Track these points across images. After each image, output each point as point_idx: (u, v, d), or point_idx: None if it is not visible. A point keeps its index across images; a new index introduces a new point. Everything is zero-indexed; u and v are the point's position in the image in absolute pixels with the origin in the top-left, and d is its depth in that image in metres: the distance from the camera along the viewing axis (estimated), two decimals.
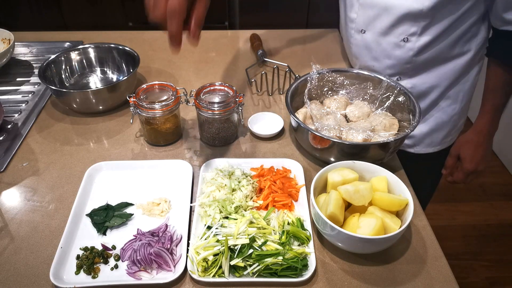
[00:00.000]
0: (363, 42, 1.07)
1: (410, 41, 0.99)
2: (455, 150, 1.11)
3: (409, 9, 0.94)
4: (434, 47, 0.99)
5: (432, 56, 1.01)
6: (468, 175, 1.11)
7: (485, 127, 1.04)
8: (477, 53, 1.03)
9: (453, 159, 1.12)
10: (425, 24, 0.95)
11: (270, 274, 0.70)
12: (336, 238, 0.72)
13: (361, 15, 1.04)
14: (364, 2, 1.02)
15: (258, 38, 1.36)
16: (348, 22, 1.10)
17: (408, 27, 0.97)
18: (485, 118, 1.04)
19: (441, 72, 1.04)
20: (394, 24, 0.99)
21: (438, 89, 1.07)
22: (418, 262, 0.75)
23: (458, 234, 2.10)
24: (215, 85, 0.97)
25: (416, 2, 0.92)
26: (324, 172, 0.80)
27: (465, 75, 1.07)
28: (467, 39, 1.00)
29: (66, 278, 0.71)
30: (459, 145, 1.10)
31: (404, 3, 0.94)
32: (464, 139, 1.09)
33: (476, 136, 1.06)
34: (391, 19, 0.98)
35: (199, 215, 0.80)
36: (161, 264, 0.72)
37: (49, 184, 0.89)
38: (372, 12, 1.01)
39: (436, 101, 1.09)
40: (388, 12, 0.98)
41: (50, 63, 1.12)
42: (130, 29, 2.29)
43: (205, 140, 1.00)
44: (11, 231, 0.80)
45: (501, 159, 2.50)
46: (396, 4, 0.96)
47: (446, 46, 0.99)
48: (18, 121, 1.06)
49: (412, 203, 0.73)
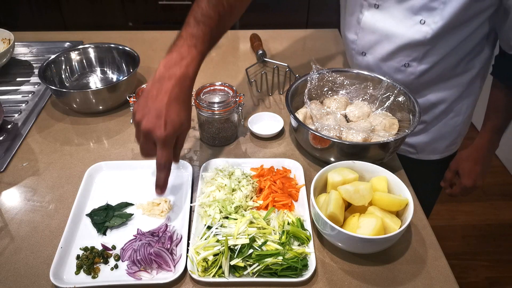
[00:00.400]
0: (365, 63, 1.06)
1: (412, 66, 0.98)
2: (454, 165, 1.11)
3: (411, 39, 0.93)
4: (436, 69, 0.98)
5: (434, 76, 1.00)
6: (465, 190, 1.11)
7: (485, 145, 1.04)
8: (482, 68, 1.02)
9: (452, 173, 1.12)
10: (427, 50, 0.94)
11: (270, 274, 0.70)
12: (336, 238, 0.72)
13: (362, 38, 1.04)
14: (364, 26, 1.01)
15: (258, 38, 1.36)
16: (349, 43, 1.09)
17: (409, 53, 0.97)
18: (486, 137, 1.03)
19: (444, 89, 1.03)
20: (394, 52, 0.98)
21: (442, 106, 1.06)
22: (418, 262, 0.75)
23: (458, 234, 2.10)
24: (215, 85, 0.97)
25: (418, 33, 0.92)
26: (324, 172, 0.80)
27: (469, 89, 1.05)
28: (471, 58, 0.99)
29: (66, 278, 0.71)
30: (458, 160, 1.10)
31: (406, 33, 0.94)
32: (464, 155, 1.09)
33: (476, 153, 1.06)
34: (392, 47, 0.98)
35: (199, 215, 0.80)
36: (161, 264, 0.72)
37: (49, 184, 0.89)
38: (373, 37, 1.00)
39: (439, 116, 1.08)
40: (389, 39, 0.97)
41: (50, 63, 1.12)
42: (130, 29, 2.30)
43: (205, 140, 1.00)
44: (11, 231, 0.80)
45: (501, 159, 2.50)
46: (397, 34, 0.95)
47: (449, 67, 0.98)
48: (18, 121, 1.06)
49: (412, 203, 0.73)
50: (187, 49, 0.76)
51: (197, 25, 0.78)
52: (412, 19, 0.92)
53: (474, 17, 0.89)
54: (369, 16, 0.99)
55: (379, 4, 0.96)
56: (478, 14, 0.89)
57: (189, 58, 0.76)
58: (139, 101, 0.74)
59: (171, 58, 0.75)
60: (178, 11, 2.38)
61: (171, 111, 0.72)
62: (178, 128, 0.74)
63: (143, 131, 0.72)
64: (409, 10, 0.91)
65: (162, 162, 0.74)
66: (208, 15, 0.79)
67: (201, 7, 0.80)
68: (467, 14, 0.87)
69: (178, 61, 0.75)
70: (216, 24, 0.80)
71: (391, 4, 0.94)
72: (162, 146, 0.73)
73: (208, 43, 0.80)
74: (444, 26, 0.88)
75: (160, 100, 0.71)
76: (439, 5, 0.87)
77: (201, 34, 0.78)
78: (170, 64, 0.74)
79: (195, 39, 0.77)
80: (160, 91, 0.72)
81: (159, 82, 0.73)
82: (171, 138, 0.73)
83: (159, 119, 0.71)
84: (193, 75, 0.76)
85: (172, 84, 0.73)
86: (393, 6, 0.93)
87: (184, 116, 0.75)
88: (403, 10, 0.92)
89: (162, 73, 0.74)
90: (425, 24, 0.90)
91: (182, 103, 0.74)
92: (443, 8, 0.87)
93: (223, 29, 0.85)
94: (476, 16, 0.89)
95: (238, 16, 0.89)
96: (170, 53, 0.76)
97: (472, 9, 0.87)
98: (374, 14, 0.98)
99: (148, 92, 0.73)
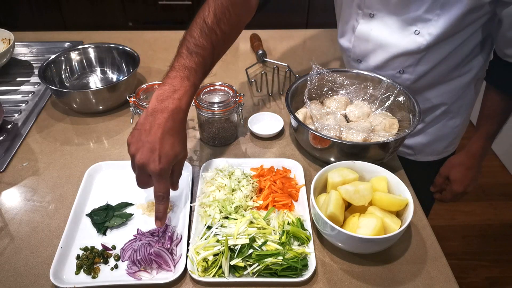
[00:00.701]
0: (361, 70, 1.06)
1: (407, 72, 0.98)
2: (445, 171, 1.10)
3: (405, 49, 0.94)
4: (432, 74, 0.98)
5: (430, 81, 1.00)
6: (456, 195, 1.10)
7: (477, 151, 1.04)
8: (479, 71, 1.01)
9: (442, 179, 1.11)
10: (421, 57, 0.94)
11: (270, 274, 0.70)
12: (336, 238, 0.72)
13: (356, 47, 1.04)
14: (359, 35, 1.01)
15: (258, 38, 1.36)
16: (344, 50, 1.10)
17: (404, 61, 0.97)
18: (478, 143, 1.03)
19: (441, 92, 1.03)
20: (389, 60, 0.98)
21: (439, 108, 1.06)
22: (418, 262, 0.75)
23: (458, 234, 2.10)
24: (215, 85, 0.97)
25: (413, 43, 0.92)
26: (324, 172, 0.80)
27: (467, 91, 1.05)
28: (467, 62, 0.98)
29: (66, 278, 0.71)
30: (449, 166, 1.09)
31: (400, 43, 0.94)
32: (455, 161, 1.08)
33: (468, 159, 1.05)
34: (386, 56, 0.98)
35: (199, 215, 0.80)
36: (161, 264, 0.72)
37: (49, 184, 0.89)
38: (368, 46, 1.00)
39: (437, 118, 1.08)
40: (383, 49, 0.98)
41: (50, 63, 1.12)
42: (130, 29, 2.30)
43: (205, 140, 1.00)
44: (11, 231, 0.80)
45: (501, 159, 2.50)
46: (392, 43, 0.95)
47: (444, 71, 0.98)
48: (18, 121, 1.06)
49: (412, 203, 0.73)
50: (179, 81, 0.75)
51: (190, 56, 0.77)
52: (407, 29, 0.92)
53: (468, 26, 0.89)
54: (364, 26, 0.99)
55: (374, 14, 0.96)
56: (472, 23, 0.89)
57: (182, 90, 0.74)
58: (133, 133, 0.73)
59: (163, 91, 0.74)
60: (178, 11, 2.38)
61: (165, 144, 0.71)
62: (173, 160, 0.73)
63: (137, 165, 0.71)
64: (404, 20, 0.91)
65: (160, 194, 0.73)
66: (201, 45, 0.78)
67: (193, 36, 0.79)
68: (462, 24, 0.87)
69: (170, 93, 0.74)
70: (210, 53, 0.79)
71: (386, 14, 0.94)
72: (157, 179, 0.72)
73: (201, 73, 0.79)
74: (439, 36, 0.88)
75: (153, 134, 0.71)
76: (434, 16, 0.87)
77: (194, 65, 0.77)
78: (163, 97, 0.73)
79: (188, 70, 0.76)
80: (153, 124, 0.71)
81: (152, 115, 0.72)
82: (166, 171, 0.72)
83: (153, 153, 0.70)
84: (186, 107, 0.75)
85: (165, 117, 0.72)
86: (388, 16, 0.94)
87: (178, 148, 0.74)
88: (398, 20, 0.92)
89: (155, 106, 0.73)
90: (419, 34, 0.90)
91: (176, 135, 0.73)
92: (438, 19, 0.87)
93: (216, 58, 0.84)
94: (470, 25, 0.89)
95: (231, 43, 0.88)
96: (163, 85, 0.75)
97: (467, 20, 0.87)
98: (369, 24, 0.98)
99: (141, 125, 0.72)
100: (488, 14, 0.88)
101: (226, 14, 0.81)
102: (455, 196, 1.11)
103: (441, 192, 1.15)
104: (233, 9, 0.82)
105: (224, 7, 0.82)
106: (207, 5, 0.83)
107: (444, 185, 1.12)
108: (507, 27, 0.85)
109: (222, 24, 0.81)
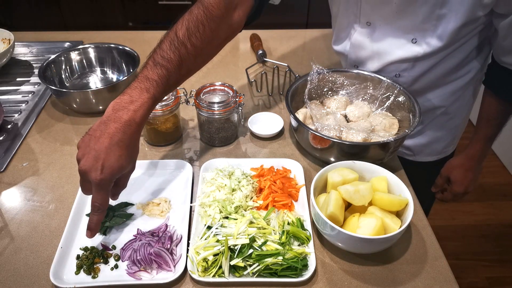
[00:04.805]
0: None
1: (403, 76, 0.99)
2: (445, 172, 1.11)
3: (402, 57, 0.94)
4: (428, 77, 0.98)
5: (427, 83, 1.00)
6: (457, 196, 1.11)
7: (476, 154, 1.04)
8: (477, 73, 1.01)
9: (443, 180, 1.12)
10: (416, 62, 0.94)
11: (270, 274, 0.70)
12: (336, 238, 0.72)
13: (352, 53, 1.04)
14: (355, 43, 1.01)
15: (258, 38, 1.36)
16: (340, 56, 1.10)
17: (399, 66, 0.97)
18: (477, 145, 1.03)
19: (439, 94, 1.03)
20: (385, 66, 0.98)
21: (438, 109, 1.06)
22: (418, 262, 0.75)
23: (458, 234, 2.10)
24: (215, 85, 0.97)
25: (410, 52, 0.92)
26: (324, 172, 0.80)
27: (465, 93, 1.04)
28: (465, 64, 0.98)
29: (66, 278, 0.71)
30: (449, 167, 1.10)
31: (396, 52, 0.94)
32: (455, 163, 1.09)
33: (468, 161, 1.06)
34: (382, 63, 0.98)
35: (199, 215, 0.80)
36: (161, 264, 0.72)
37: (49, 184, 0.89)
38: (364, 53, 1.01)
39: (436, 119, 1.08)
40: (380, 56, 0.98)
41: (50, 63, 1.12)
42: (130, 29, 2.30)
43: (205, 140, 1.00)
44: (11, 231, 0.80)
45: (501, 159, 2.50)
46: (389, 51, 0.95)
47: (441, 74, 0.98)
48: (18, 121, 1.06)
49: (412, 203, 0.73)
50: (138, 93, 0.72)
51: (154, 67, 0.74)
52: (404, 38, 0.92)
53: (466, 35, 0.89)
54: (360, 34, 0.99)
55: (371, 22, 0.96)
56: (469, 32, 0.89)
57: (139, 102, 0.72)
58: (84, 138, 0.72)
59: (121, 100, 0.72)
60: (178, 11, 2.35)
61: (111, 155, 0.69)
62: (117, 172, 0.71)
63: (80, 171, 0.70)
64: (401, 29, 0.91)
65: (96, 205, 0.71)
66: (168, 58, 0.75)
67: (162, 48, 0.76)
68: (460, 34, 0.87)
69: (127, 104, 0.71)
70: (176, 67, 0.75)
71: (382, 23, 0.94)
72: (96, 189, 0.70)
73: (163, 87, 0.75)
74: (436, 46, 0.89)
75: (101, 142, 0.69)
76: (431, 26, 0.87)
77: (156, 78, 0.74)
78: (119, 106, 0.72)
79: (149, 82, 0.73)
80: (104, 133, 0.69)
81: (104, 124, 0.70)
82: (107, 182, 0.70)
83: (96, 162, 0.68)
84: (140, 120, 0.72)
85: (117, 128, 0.69)
86: (385, 25, 0.93)
87: (125, 161, 0.71)
88: (395, 29, 0.92)
89: (109, 115, 0.71)
90: (416, 43, 0.90)
91: (124, 148, 0.70)
92: (434, 30, 0.87)
93: (186, 72, 0.79)
94: (467, 34, 0.89)
95: (205, 60, 0.84)
96: (122, 95, 0.73)
97: (464, 30, 0.87)
98: (365, 32, 0.98)
99: (93, 132, 0.71)
100: (485, 24, 0.88)
101: (200, 28, 0.78)
102: (455, 197, 1.12)
103: (442, 192, 1.15)
104: (208, 23, 0.79)
105: (199, 21, 0.79)
106: (182, 18, 0.80)
107: (445, 185, 1.13)
108: (502, 37, 0.86)
109: (193, 38, 0.77)
